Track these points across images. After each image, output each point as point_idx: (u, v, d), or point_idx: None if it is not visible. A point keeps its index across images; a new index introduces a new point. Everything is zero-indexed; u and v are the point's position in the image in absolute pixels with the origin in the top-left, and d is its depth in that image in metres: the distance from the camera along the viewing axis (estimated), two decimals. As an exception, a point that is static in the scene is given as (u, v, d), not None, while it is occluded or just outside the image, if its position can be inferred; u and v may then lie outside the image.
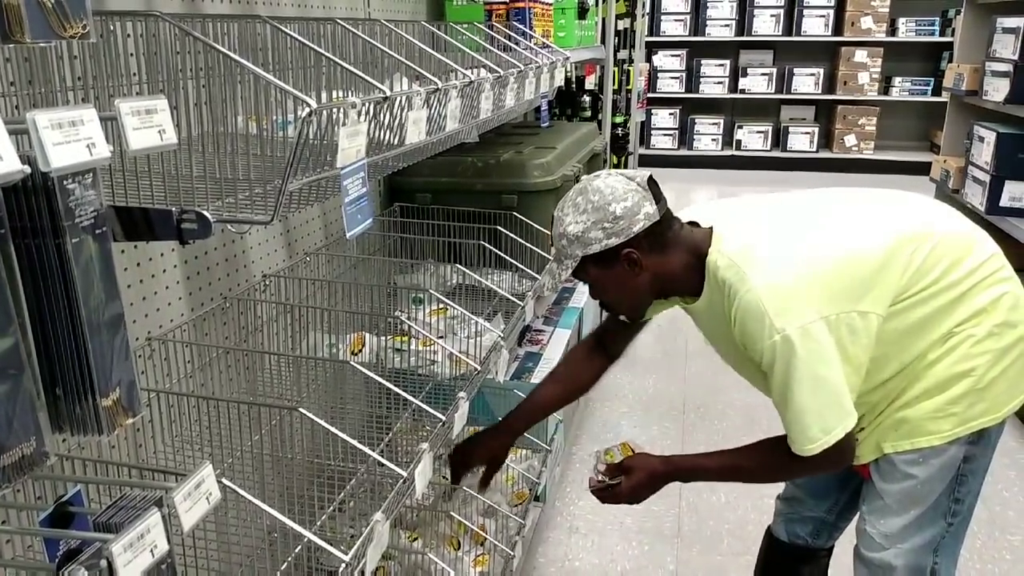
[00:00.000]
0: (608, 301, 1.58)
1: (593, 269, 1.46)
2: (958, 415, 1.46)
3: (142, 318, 1.39)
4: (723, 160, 8.62)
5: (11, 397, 0.64)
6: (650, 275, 1.45)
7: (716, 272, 1.43)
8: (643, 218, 1.41)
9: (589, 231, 1.41)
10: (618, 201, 1.40)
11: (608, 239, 1.41)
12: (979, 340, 1.44)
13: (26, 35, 0.66)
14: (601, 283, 1.50)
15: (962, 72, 4.26)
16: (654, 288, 1.50)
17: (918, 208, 1.54)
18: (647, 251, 1.43)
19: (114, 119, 0.72)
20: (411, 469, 1.26)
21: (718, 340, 1.58)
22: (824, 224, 1.48)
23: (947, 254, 1.44)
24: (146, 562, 0.74)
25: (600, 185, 1.42)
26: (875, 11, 8.11)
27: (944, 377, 1.45)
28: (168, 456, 1.39)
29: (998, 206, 3.72)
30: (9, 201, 0.65)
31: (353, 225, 1.06)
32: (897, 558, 1.54)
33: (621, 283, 1.47)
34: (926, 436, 1.47)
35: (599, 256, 1.42)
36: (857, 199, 1.57)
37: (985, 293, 1.44)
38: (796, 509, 1.85)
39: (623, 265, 1.43)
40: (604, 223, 1.40)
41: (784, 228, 1.47)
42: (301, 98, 0.91)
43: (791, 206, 1.55)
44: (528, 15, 2.47)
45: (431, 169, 2.38)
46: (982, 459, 1.53)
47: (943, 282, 1.43)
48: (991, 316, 1.44)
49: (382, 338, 1.79)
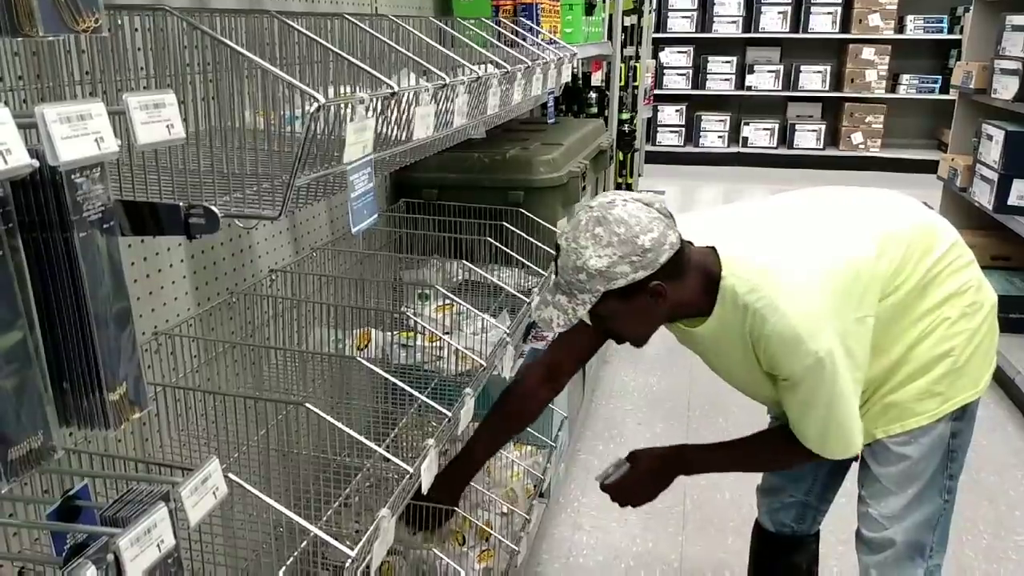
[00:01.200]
0: (619, 332, 1.52)
1: (613, 302, 1.38)
2: (943, 394, 1.54)
3: (149, 312, 1.39)
4: (729, 157, 8.59)
5: (19, 391, 0.64)
6: (669, 304, 1.41)
7: (735, 297, 1.42)
8: (669, 248, 1.35)
9: (615, 266, 1.33)
10: (645, 233, 1.34)
11: (636, 272, 1.34)
12: (954, 321, 1.52)
13: (38, 29, 0.66)
14: (618, 316, 1.43)
15: (970, 70, 4.24)
16: (669, 315, 1.47)
17: (889, 204, 1.60)
18: (668, 280, 1.38)
19: (122, 113, 0.72)
20: (417, 465, 1.26)
21: (724, 359, 1.59)
22: (818, 232, 1.51)
23: (919, 245, 1.51)
24: (153, 556, 0.74)
25: (622, 215, 1.34)
26: (883, 8, 8.07)
27: (926, 359, 1.52)
28: (175, 450, 1.40)
29: (1006, 204, 3.71)
30: (17, 195, 0.65)
31: (359, 220, 1.06)
32: (898, 535, 1.60)
33: (639, 315, 1.43)
34: (915, 417, 1.54)
35: (622, 290, 1.36)
36: (835, 203, 1.61)
37: (953, 278, 1.52)
38: (777, 497, 1.90)
39: (646, 297, 1.38)
40: (632, 256, 1.33)
41: (786, 244, 1.48)
42: (309, 93, 0.91)
43: (780, 216, 1.57)
44: (535, 11, 2.47)
45: (438, 165, 2.38)
46: (967, 433, 1.61)
47: (917, 271, 1.50)
48: (962, 298, 1.53)
49: (388, 334, 1.79)
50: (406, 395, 1.40)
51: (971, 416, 1.60)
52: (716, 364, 1.64)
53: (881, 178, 7.82)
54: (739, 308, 1.42)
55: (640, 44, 5.03)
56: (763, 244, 1.48)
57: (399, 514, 1.68)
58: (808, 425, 1.49)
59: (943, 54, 8.25)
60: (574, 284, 1.37)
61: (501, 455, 2.32)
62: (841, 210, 1.57)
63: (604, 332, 1.56)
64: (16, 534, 1.11)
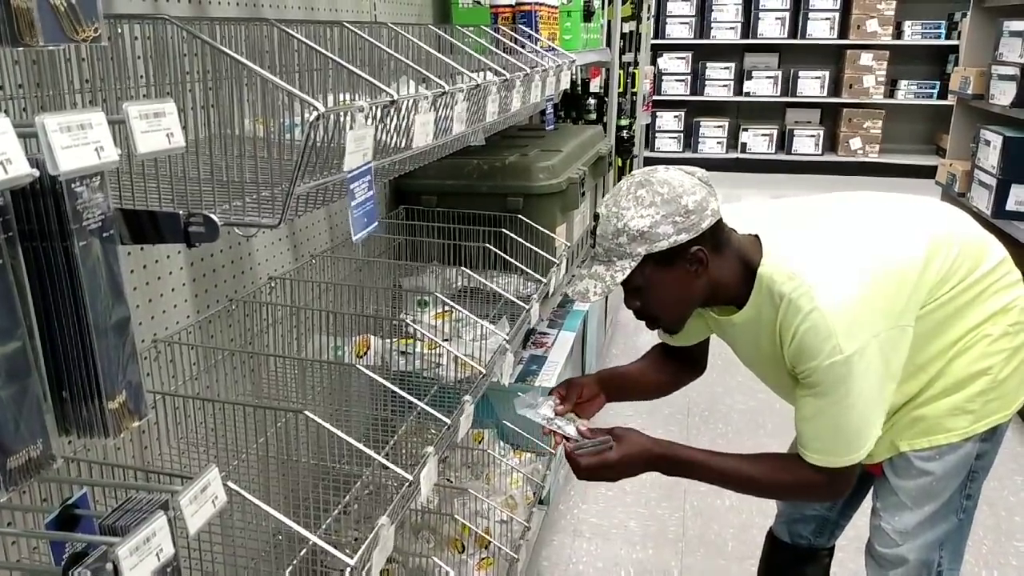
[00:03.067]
0: (653, 308, 1.45)
1: (652, 270, 1.35)
2: (975, 412, 1.49)
3: (148, 320, 1.39)
4: (728, 163, 8.61)
5: (18, 400, 0.64)
6: (707, 279, 1.38)
7: (772, 285, 1.38)
8: (711, 214, 1.34)
9: (658, 225, 1.31)
10: (688, 194, 1.32)
11: (679, 235, 1.32)
12: (995, 339, 1.47)
13: (38, 38, 0.66)
14: (656, 286, 1.39)
15: (968, 75, 4.25)
16: (706, 294, 1.43)
17: (939, 212, 1.56)
18: (710, 250, 1.36)
19: (122, 122, 0.72)
20: (416, 472, 1.26)
21: (754, 351, 1.54)
22: (867, 233, 1.46)
23: (967, 258, 1.46)
24: (152, 565, 0.74)
25: (665, 177, 1.34)
26: (881, 14, 8.10)
27: (962, 376, 1.48)
28: (174, 458, 1.39)
29: (1004, 210, 3.71)
30: (17, 204, 0.65)
31: (359, 228, 1.06)
32: (910, 552, 1.57)
33: (678, 286, 1.38)
34: (944, 433, 1.50)
35: (663, 255, 1.33)
36: (882, 204, 1.57)
37: (999, 295, 1.48)
38: (798, 508, 1.86)
39: (686, 265, 1.35)
40: (675, 216, 1.31)
41: (832, 239, 1.44)
42: (308, 101, 0.91)
43: (825, 213, 1.53)
44: (534, 18, 2.47)
45: (437, 172, 2.38)
46: (992, 455, 1.57)
47: (963, 285, 1.45)
48: (1006, 316, 1.48)
49: (387, 341, 1.79)
50: (405, 402, 1.40)
51: (999, 438, 1.55)
52: (748, 357, 1.59)
53: (879, 184, 7.83)
54: (775, 297, 1.37)
55: (639, 50, 5.04)
56: (809, 239, 1.43)
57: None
58: (818, 430, 1.40)
59: (941, 60, 8.27)
60: (613, 251, 1.35)
61: (500, 462, 2.32)
62: (891, 214, 1.53)
63: (638, 313, 1.48)
64: (15, 543, 1.11)
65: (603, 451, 1.46)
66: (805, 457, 1.43)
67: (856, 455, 1.41)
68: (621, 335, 4.32)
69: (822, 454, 1.42)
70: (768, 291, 1.39)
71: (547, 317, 2.98)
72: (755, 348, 1.51)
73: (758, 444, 3.02)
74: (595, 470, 1.47)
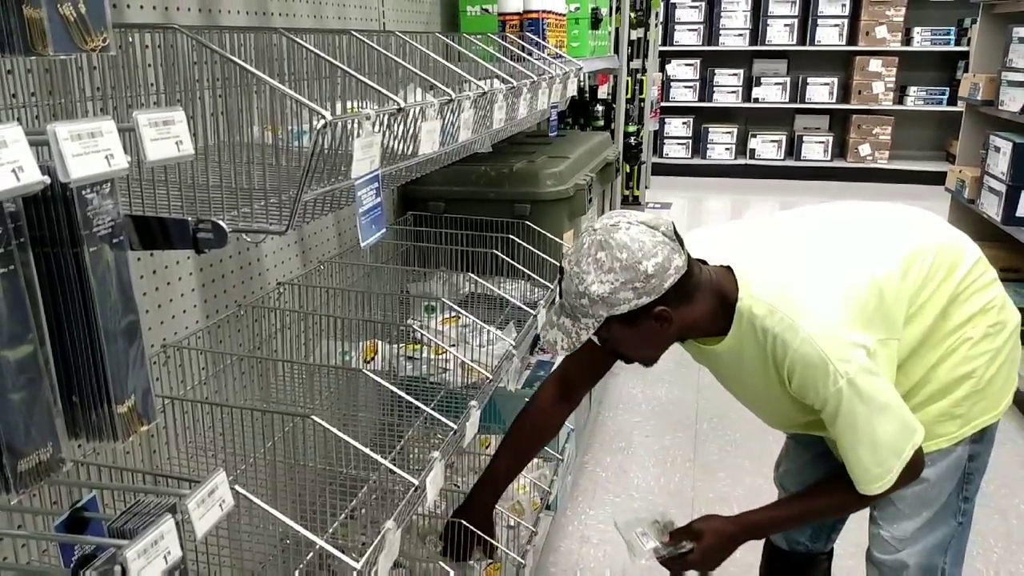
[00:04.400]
0: (626, 354, 1.50)
1: (617, 328, 1.36)
2: (963, 416, 1.50)
3: (157, 325, 1.41)
4: (736, 169, 8.60)
5: (29, 404, 0.65)
6: (677, 327, 1.38)
7: (753, 320, 1.39)
8: (674, 272, 1.32)
9: (617, 292, 1.31)
10: (648, 258, 1.30)
11: (639, 299, 1.31)
12: (976, 342, 1.48)
13: (49, 48, 0.67)
14: (623, 340, 1.42)
15: (978, 82, 4.24)
16: (678, 336, 1.45)
17: (912, 221, 1.56)
18: (675, 304, 1.35)
19: (132, 130, 0.73)
20: (423, 477, 1.27)
21: (738, 378, 1.56)
22: (840, 251, 1.46)
23: (943, 264, 1.47)
24: (159, 568, 0.75)
25: (624, 239, 1.31)
26: (890, 20, 8.08)
27: (947, 381, 1.48)
28: (182, 462, 1.40)
29: (1014, 216, 3.70)
30: (29, 211, 0.66)
31: (368, 235, 1.07)
32: (910, 558, 1.57)
33: (644, 339, 1.41)
34: (934, 440, 1.50)
35: (626, 315, 1.34)
36: (855, 218, 1.57)
37: (977, 296, 1.49)
38: None
39: (651, 322, 1.36)
40: (635, 283, 1.30)
41: (804, 261, 1.44)
42: (316, 110, 0.92)
43: (798, 234, 1.54)
44: (542, 26, 2.48)
45: (444, 178, 2.39)
46: (985, 456, 1.57)
47: (941, 291, 1.46)
48: (985, 318, 1.49)
49: (395, 346, 1.79)
50: (412, 407, 1.40)
51: (990, 439, 1.56)
52: (732, 383, 1.60)
53: (889, 190, 7.81)
54: (758, 331, 1.39)
55: (647, 57, 5.05)
56: (782, 263, 1.44)
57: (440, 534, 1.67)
58: (860, 459, 1.40)
59: (950, 66, 8.25)
60: (577, 308, 1.35)
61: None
62: (863, 226, 1.53)
63: (611, 352, 1.53)
64: (25, 545, 1.12)
65: (686, 555, 1.56)
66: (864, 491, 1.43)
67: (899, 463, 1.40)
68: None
69: (876, 481, 1.41)
70: (750, 324, 1.40)
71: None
72: (739, 373, 1.52)
73: (767, 451, 3.01)
74: (685, 569, 1.58)
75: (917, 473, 1.46)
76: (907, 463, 1.40)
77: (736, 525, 1.56)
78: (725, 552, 1.57)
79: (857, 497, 1.45)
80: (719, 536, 1.55)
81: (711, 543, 1.55)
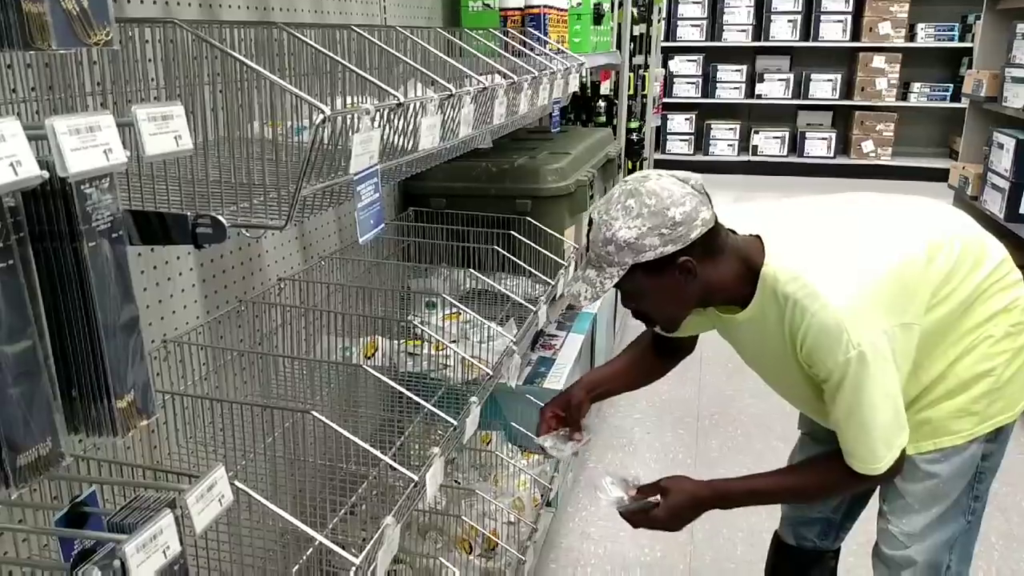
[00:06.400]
0: (648, 311, 1.48)
1: (641, 277, 1.36)
2: (979, 414, 1.49)
3: (158, 320, 1.41)
4: (739, 165, 8.58)
5: (28, 398, 0.65)
6: (700, 284, 1.38)
7: (776, 285, 1.38)
8: (701, 224, 1.32)
9: (644, 237, 1.31)
10: (676, 205, 1.31)
11: (665, 246, 1.32)
12: (997, 340, 1.47)
13: (51, 42, 0.67)
14: (647, 292, 1.41)
15: (981, 78, 4.23)
16: (700, 297, 1.43)
17: (940, 213, 1.56)
18: (701, 258, 1.35)
19: (131, 125, 0.73)
20: (422, 473, 1.27)
21: (760, 352, 1.54)
22: (868, 232, 1.46)
23: (968, 258, 1.46)
24: (159, 563, 0.75)
25: (655, 187, 1.33)
26: (893, 16, 8.05)
27: (966, 377, 1.48)
28: (182, 458, 1.41)
29: (1017, 213, 3.69)
30: (28, 205, 0.66)
31: (365, 230, 1.07)
32: (918, 554, 1.56)
33: (669, 292, 1.39)
34: (948, 436, 1.49)
35: (651, 264, 1.34)
36: (883, 205, 1.57)
37: (1001, 295, 1.48)
38: (803, 511, 1.86)
39: (675, 273, 1.35)
40: (662, 229, 1.31)
41: (834, 238, 1.45)
42: (315, 104, 0.92)
43: (828, 213, 1.54)
44: (543, 21, 2.48)
45: (445, 174, 2.39)
46: (998, 455, 1.57)
47: (965, 285, 1.45)
48: (1008, 317, 1.48)
49: (395, 342, 1.79)
50: (413, 403, 1.40)
51: (1005, 438, 1.55)
52: (752, 357, 1.60)
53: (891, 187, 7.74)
54: (779, 298, 1.38)
55: (649, 53, 5.04)
56: (811, 240, 1.44)
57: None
58: (854, 438, 1.40)
59: (954, 62, 8.22)
60: (603, 257, 1.36)
61: (508, 464, 2.33)
62: (892, 214, 1.53)
63: (635, 313, 1.51)
64: (26, 540, 1.12)
65: (649, 509, 1.52)
66: (853, 467, 1.43)
67: (891, 455, 1.40)
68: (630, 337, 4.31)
69: (864, 461, 1.41)
70: (772, 291, 1.39)
71: (556, 319, 2.98)
72: (760, 346, 1.51)
73: (768, 447, 3.02)
74: (646, 526, 1.54)
75: (897, 474, 1.46)
76: (897, 459, 1.41)
77: (707, 489, 1.52)
78: (689, 513, 1.53)
79: (843, 476, 1.44)
80: (686, 496, 1.51)
81: (676, 502, 1.51)
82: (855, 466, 1.42)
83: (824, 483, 1.53)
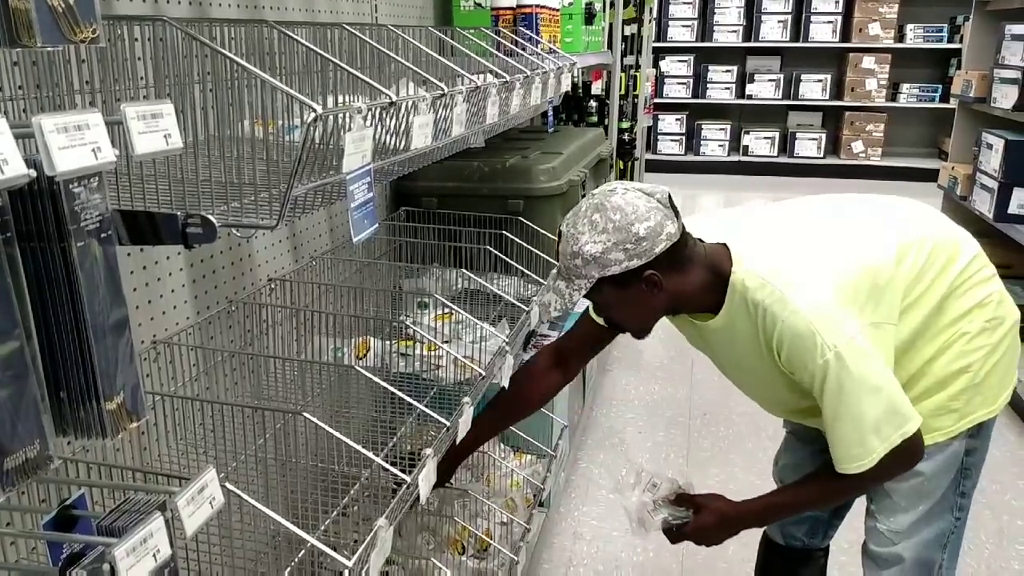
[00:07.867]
0: (617, 320, 1.53)
1: (609, 290, 1.40)
2: (959, 411, 1.50)
3: (148, 321, 1.39)
4: (730, 166, 8.61)
5: (15, 400, 0.64)
6: (667, 295, 1.40)
7: (745, 293, 1.40)
8: (665, 238, 1.35)
9: (609, 252, 1.34)
10: (641, 221, 1.34)
11: (629, 261, 1.35)
12: (973, 336, 1.48)
13: (36, 39, 0.66)
14: (614, 304, 1.45)
15: (970, 79, 4.25)
16: (669, 307, 1.46)
17: (910, 212, 1.57)
18: (667, 271, 1.38)
19: (120, 123, 0.72)
20: (414, 474, 1.26)
21: (733, 358, 1.56)
22: (838, 235, 1.48)
23: (940, 256, 1.47)
24: (149, 566, 0.74)
25: (620, 202, 1.35)
26: (883, 17, 8.09)
27: (943, 375, 1.48)
28: (173, 459, 1.39)
29: (1006, 213, 3.71)
30: (15, 205, 0.65)
31: (359, 230, 1.06)
32: (906, 551, 1.57)
33: (636, 304, 1.42)
34: (930, 434, 1.49)
35: (617, 277, 1.37)
36: (853, 207, 1.59)
37: (974, 291, 1.48)
38: None
39: (641, 286, 1.38)
40: (626, 244, 1.34)
41: (803, 241, 1.46)
42: (306, 103, 0.91)
43: (799, 217, 1.56)
44: (535, 21, 2.47)
45: (437, 174, 2.38)
46: (982, 451, 1.58)
47: (938, 283, 1.46)
48: (983, 312, 1.48)
49: (387, 342, 1.79)
50: (405, 404, 1.40)
51: (987, 434, 1.56)
52: (726, 364, 1.61)
53: (881, 187, 7.80)
54: (749, 306, 1.39)
55: (640, 53, 5.04)
56: (778, 244, 1.46)
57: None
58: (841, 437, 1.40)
59: (943, 63, 8.27)
60: (571, 269, 1.39)
61: (501, 464, 2.32)
62: (860, 216, 1.55)
63: (606, 321, 1.56)
64: (14, 543, 1.11)
65: (680, 524, 1.58)
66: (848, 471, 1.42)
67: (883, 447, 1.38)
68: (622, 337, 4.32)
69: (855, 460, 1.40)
70: (741, 298, 1.41)
71: (548, 320, 2.98)
72: (735, 353, 1.52)
73: (759, 446, 3.02)
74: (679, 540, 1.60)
75: (911, 462, 1.45)
76: (894, 449, 1.38)
77: (736, 510, 1.57)
78: (719, 534, 1.59)
79: (841, 481, 1.44)
80: (717, 516, 1.57)
81: (707, 522, 1.57)
82: (844, 468, 1.42)
83: (830, 490, 1.53)
